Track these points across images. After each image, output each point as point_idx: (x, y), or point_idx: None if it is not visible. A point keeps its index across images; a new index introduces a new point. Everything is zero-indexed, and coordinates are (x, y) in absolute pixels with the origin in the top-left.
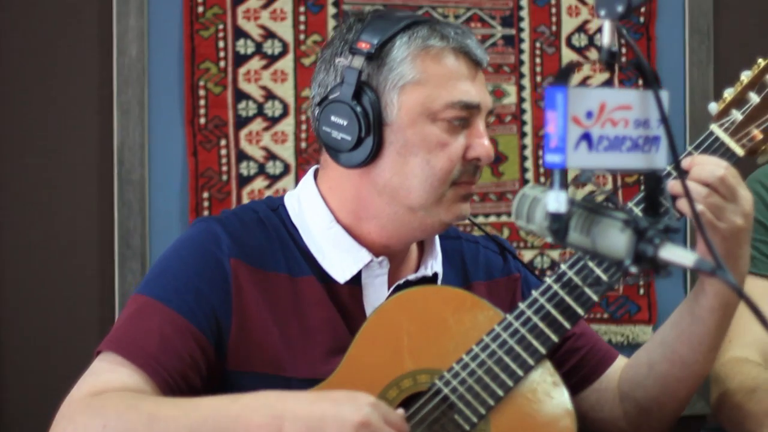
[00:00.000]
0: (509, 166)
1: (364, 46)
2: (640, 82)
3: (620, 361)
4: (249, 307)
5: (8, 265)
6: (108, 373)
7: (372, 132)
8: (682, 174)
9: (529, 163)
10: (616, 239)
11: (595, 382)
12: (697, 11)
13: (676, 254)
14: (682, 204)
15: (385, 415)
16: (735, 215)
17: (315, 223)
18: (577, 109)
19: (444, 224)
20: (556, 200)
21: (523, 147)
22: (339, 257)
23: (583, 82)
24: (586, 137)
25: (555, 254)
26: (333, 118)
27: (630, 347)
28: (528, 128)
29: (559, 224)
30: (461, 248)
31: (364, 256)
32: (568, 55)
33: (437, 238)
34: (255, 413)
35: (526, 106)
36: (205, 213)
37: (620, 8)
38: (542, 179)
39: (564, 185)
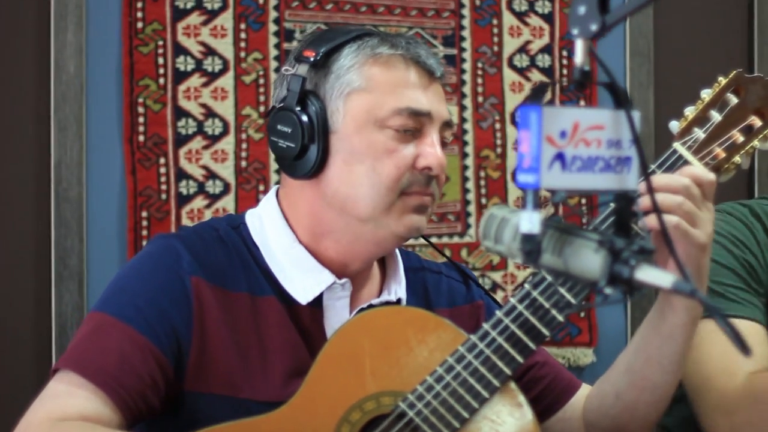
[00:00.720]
0: (450, 187)
1: (308, 53)
2: (582, 103)
3: (584, 390)
4: (209, 326)
5: None
6: (66, 397)
7: (317, 140)
8: (652, 192)
9: (470, 184)
10: (589, 260)
11: (558, 411)
12: (638, 32)
13: (653, 276)
14: (651, 219)
15: None
16: (707, 222)
17: (276, 242)
18: (551, 128)
19: (397, 237)
20: (529, 221)
21: (465, 168)
22: (301, 278)
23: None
24: (560, 157)
25: (497, 276)
26: (279, 127)
27: (571, 370)
28: (469, 149)
29: (531, 245)
30: (424, 278)
31: (326, 278)
32: (509, 76)
33: (401, 264)
34: None
35: (468, 126)
36: (144, 233)
37: (594, 27)
38: (483, 200)
39: (537, 206)
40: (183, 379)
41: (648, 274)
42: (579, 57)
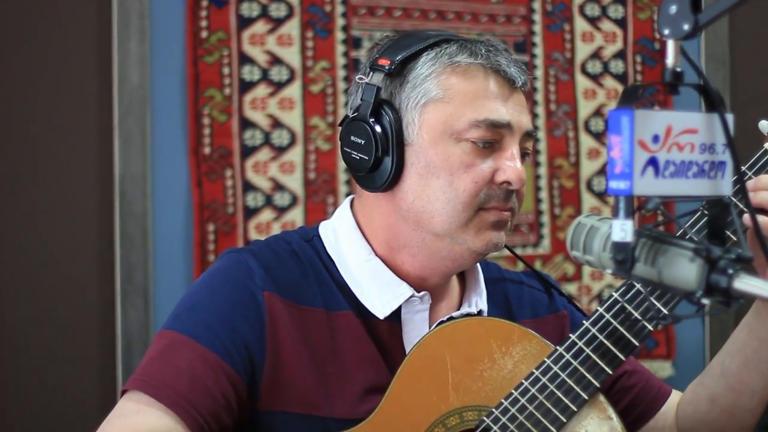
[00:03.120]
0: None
1: (384, 62)
2: (657, 108)
3: (675, 397)
4: (283, 343)
5: (6, 303)
6: (135, 415)
7: (391, 152)
8: (746, 193)
9: (543, 194)
10: (685, 270)
11: (650, 421)
12: (713, 36)
13: (753, 285)
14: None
15: None
16: None
17: (352, 255)
18: (643, 132)
19: (475, 253)
20: (621, 229)
21: (537, 177)
22: (378, 291)
23: (598, 110)
24: (653, 162)
25: (572, 288)
26: (352, 138)
27: None
28: (542, 158)
29: (624, 254)
30: (505, 289)
31: (404, 291)
32: (582, 83)
33: (481, 275)
34: None
35: (540, 134)
36: (211, 247)
37: (686, 27)
38: (557, 210)
39: (630, 213)
40: (257, 397)
41: (747, 284)
42: (671, 58)
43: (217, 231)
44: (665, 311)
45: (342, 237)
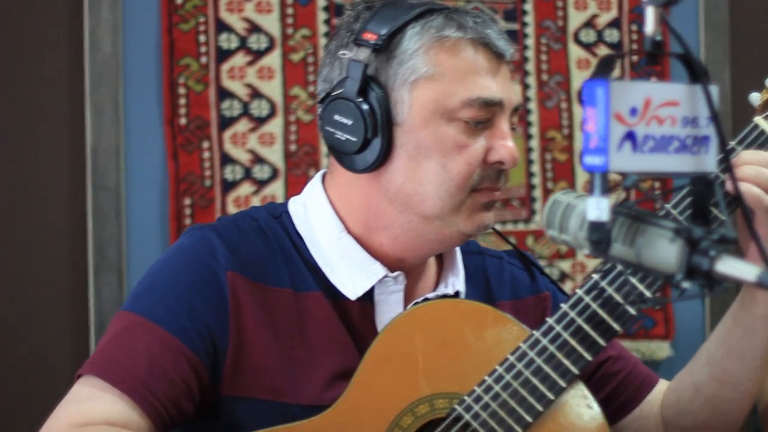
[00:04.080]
0: (514, 171)
1: (370, 36)
2: (654, 80)
3: (662, 386)
4: (247, 325)
5: None
6: (89, 401)
7: (380, 133)
8: (732, 169)
9: (535, 167)
10: (665, 251)
11: (635, 410)
12: (712, 5)
13: (735, 268)
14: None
15: None
16: None
17: (323, 232)
18: (620, 105)
19: (464, 235)
20: (597, 207)
21: (529, 150)
22: (349, 271)
23: None
24: (630, 136)
25: (566, 265)
26: (336, 117)
27: (647, 364)
28: (534, 130)
29: (600, 234)
30: (484, 264)
31: (377, 271)
32: (575, 52)
33: (458, 253)
34: None
35: (532, 106)
36: (187, 221)
37: None
38: (550, 184)
39: (606, 190)
40: (219, 383)
41: (729, 267)
42: (650, 26)
43: (193, 205)
44: (646, 292)
45: (312, 214)
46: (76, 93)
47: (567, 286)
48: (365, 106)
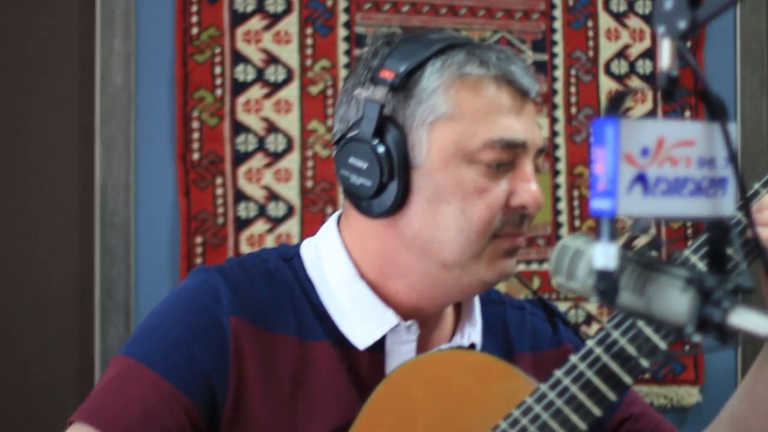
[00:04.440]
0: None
1: (388, 74)
2: (687, 114)
3: None
4: (248, 373)
5: None
6: None
7: (396, 176)
8: (751, 217)
9: (562, 205)
10: (675, 301)
11: None
12: (749, 35)
13: (750, 320)
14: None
15: None
16: None
17: (334, 277)
18: (630, 145)
19: (484, 284)
20: (604, 255)
21: (556, 187)
22: (360, 318)
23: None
24: (641, 179)
25: (591, 307)
26: (351, 160)
27: (675, 411)
28: (561, 165)
29: (607, 283)
30: (504, 315)
31: (390, 319)
32: (606, 84)
33: (477, 301)
34: None
35: (560, 140)
36: (198, 260)
37: (683, 24)
38: (577, 222)
39: (613, 236)
40: (217, 431)
41: (744, 319)
42: (665, 60)
43: (205, 243)
44: (661, 344)
45: (325, 257)
46: (85, 126)
47: (593, 329)
48: (381, 149)
